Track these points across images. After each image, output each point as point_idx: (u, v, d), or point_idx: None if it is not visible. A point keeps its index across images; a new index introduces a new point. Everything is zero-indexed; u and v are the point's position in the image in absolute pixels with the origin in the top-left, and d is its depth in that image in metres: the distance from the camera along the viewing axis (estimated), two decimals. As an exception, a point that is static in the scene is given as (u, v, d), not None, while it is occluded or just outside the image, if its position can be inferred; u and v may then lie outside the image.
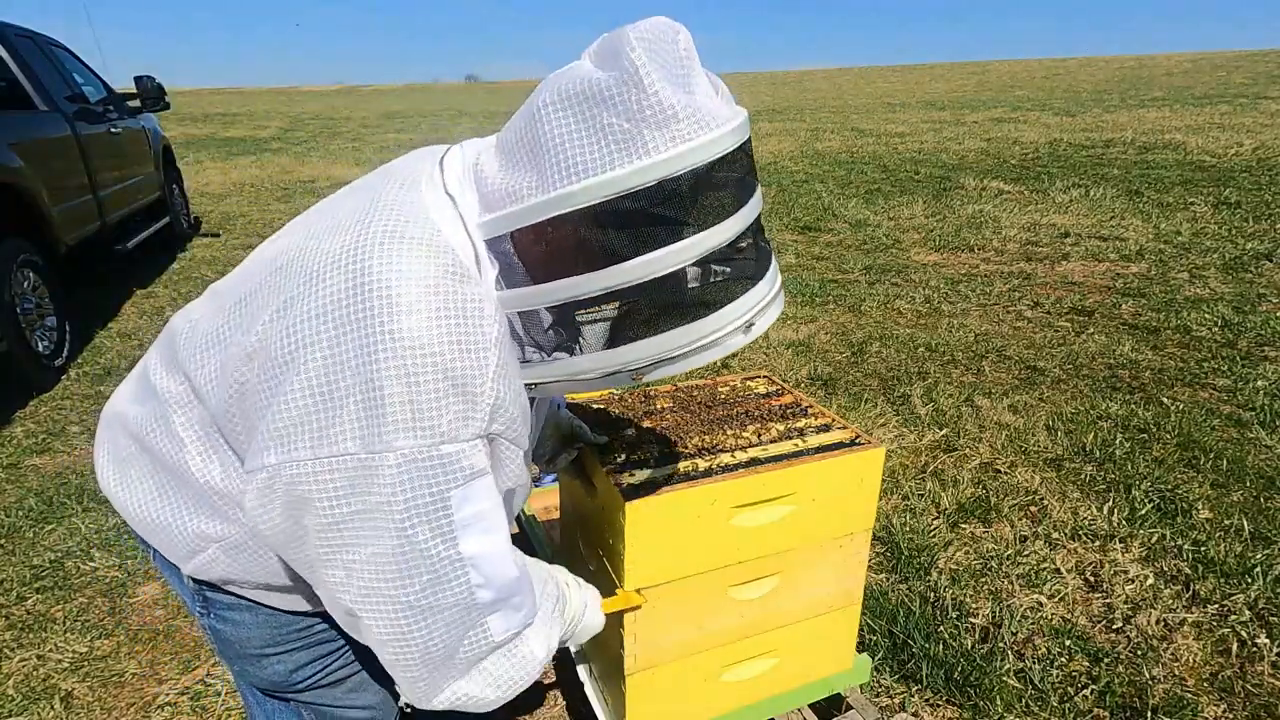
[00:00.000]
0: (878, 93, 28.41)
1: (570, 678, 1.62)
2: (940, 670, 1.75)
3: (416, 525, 0.65)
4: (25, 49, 4.38)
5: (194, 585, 0.87)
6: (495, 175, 0.70)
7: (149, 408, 0.83)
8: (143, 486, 0.84)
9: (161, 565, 0.93)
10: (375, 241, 0.66)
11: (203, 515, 0.80)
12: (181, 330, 0.82)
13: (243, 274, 0.80)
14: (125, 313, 4.75)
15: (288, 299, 0.67)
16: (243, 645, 0.90)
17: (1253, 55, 31.87)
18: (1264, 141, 9.35)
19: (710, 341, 0.70)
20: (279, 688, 0.95)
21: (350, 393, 0.63)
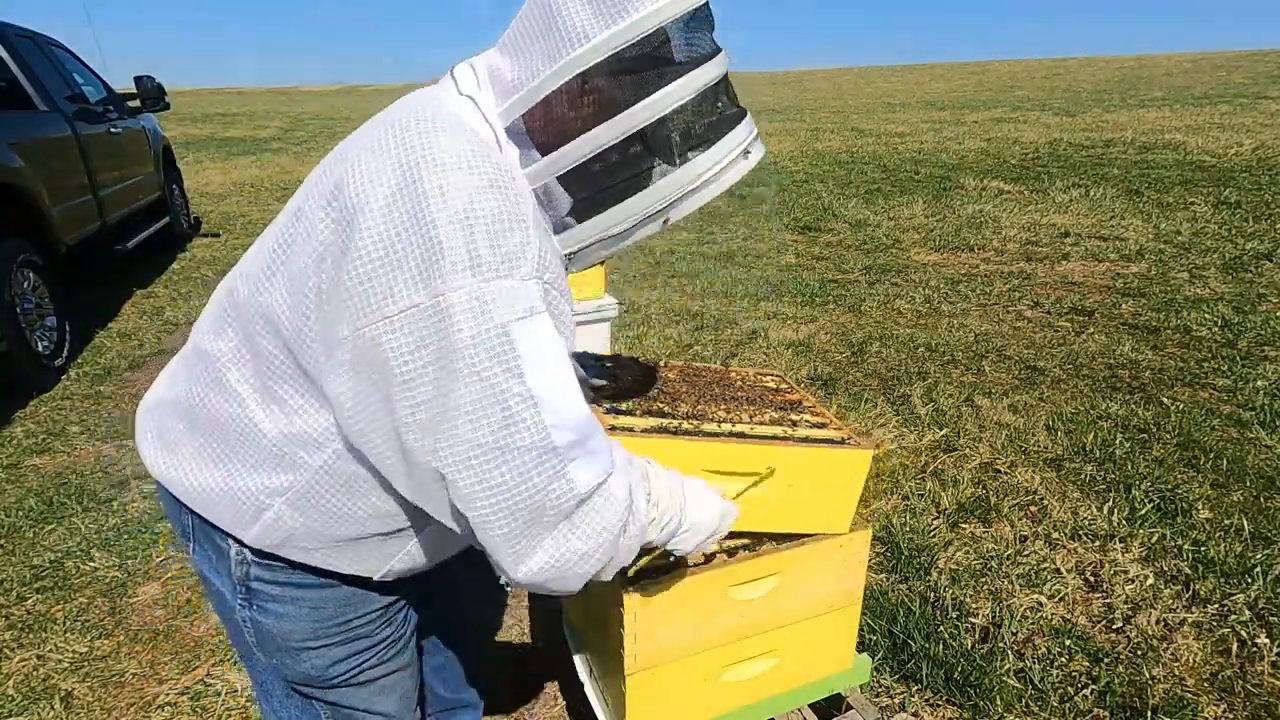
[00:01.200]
0: (878, 93, 28.41)
1: (570, 678, 1.62)
2: (940, 670, 1.75)
3: (484, 361, 0.67)
4: (25, 49, 4.39)
5: (240, 574, 0.88)
6: (509, 68, 0.77)
7: (197, 379, 0.84)
8: (198, 460, 0.84)
9: (202, 559, 0.91)
10: (412, 128, 0.72)
11: (267, 469, 0.81)
12: (237, 283, 0.83)
13: (281, 217, 0.82)
14: (125, 313, 4.75)
15: (334, 188, 0.71)
16: (284, 638, 0.91)
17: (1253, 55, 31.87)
18: (1264, 141, 9.35)
19: (722, 168, 0.79)
20: (313, 682, 0.95)
21: (409, 250, 0.67)
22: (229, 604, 0.91)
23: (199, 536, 0.90)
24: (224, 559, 0.88)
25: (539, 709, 1.74)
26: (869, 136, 13.28)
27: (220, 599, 0.93)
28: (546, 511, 0.72)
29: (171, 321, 4.55)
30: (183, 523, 0.91)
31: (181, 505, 0.89)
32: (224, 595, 0.91)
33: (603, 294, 2.29)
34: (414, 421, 0.70)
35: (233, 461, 0.82)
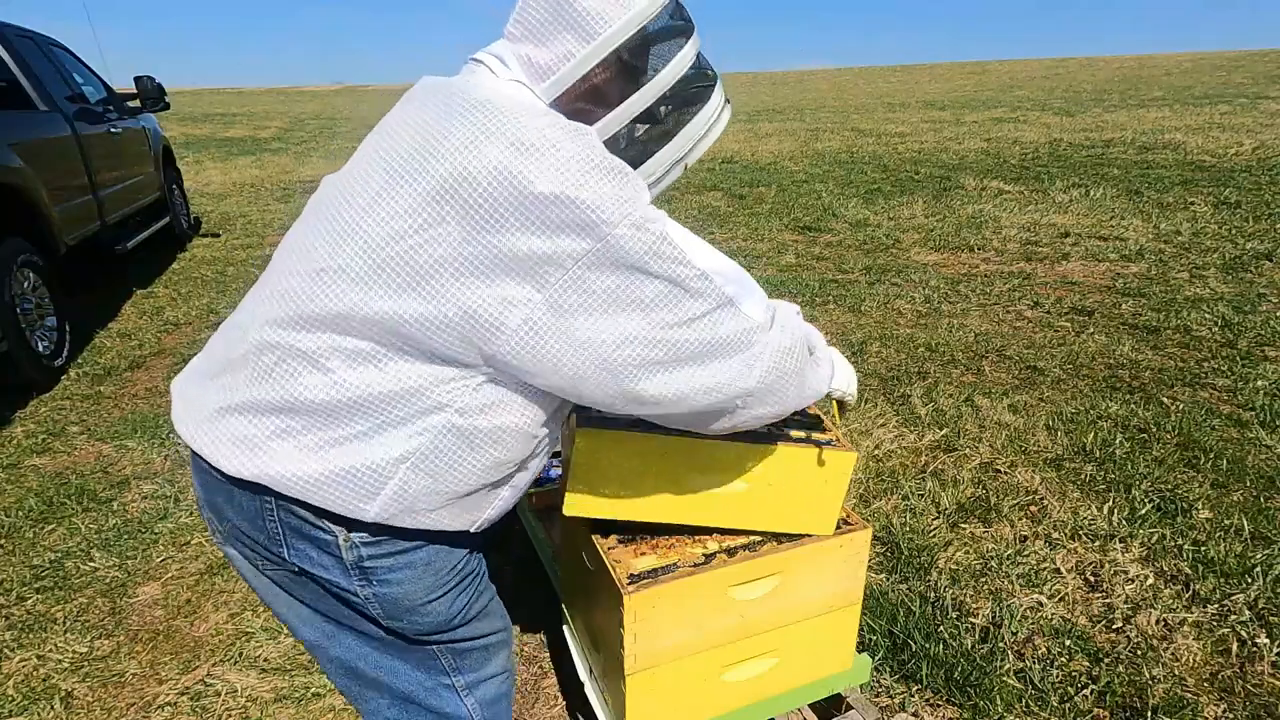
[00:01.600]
0: (878, 93, 28.41)
1: (570, 678, 1.62)
2: (940, 670, 1.75)
3: (660, 261, 0.80)
4: (25, 49, 4.39)
5: (352, 558, 0.91)
6: (539, 54, 0.87)
7: (289, 376, 0.84)
8: (307, 451, 0.84)
9: (300, 557, 0.92)
10: (505, 114, 0.79)
11: (390, 440, 0.84)
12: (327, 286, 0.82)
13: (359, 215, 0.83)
14: (125, 313, 4.75)
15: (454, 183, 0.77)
16: (409, 599, 0.96)
17: (1253, 55, 31.86)
18: (1264, 141, 9.35)
19: (718, 116, 0.96)
20: (439, 629, 1.02)
21: (565, 212, 0.76)
22: (344, 589, 0.93)
23: (291, 539, 0.91)
24: (327, 551, 0.91)
25: (539, 709, 1.74)
26: (869, 136, 13.28)
27: (322, 591, 0.96)
28: (748, 348, 0.88)
29: (171, 321, 4.55)
30: (269, 530, 0.91)
31: (268, 511, 0.89)
32: (334, 583, 0.93)
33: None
34: (620, 348, 0.81)
35: (351, 442, 0.84)
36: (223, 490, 0.92)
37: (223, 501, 0.93)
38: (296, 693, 1.77)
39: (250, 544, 0.94)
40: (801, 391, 0.98)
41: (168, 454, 2.93)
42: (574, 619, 1.56)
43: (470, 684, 1.09)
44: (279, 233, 7.00)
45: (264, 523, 0.91)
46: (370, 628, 1.00)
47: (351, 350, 0.82)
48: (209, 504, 0.96)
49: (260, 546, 0.94)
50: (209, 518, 0.99)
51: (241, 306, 0.94)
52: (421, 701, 1.07)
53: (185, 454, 2.92)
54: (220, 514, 0.95)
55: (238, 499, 0.90)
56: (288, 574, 0.96)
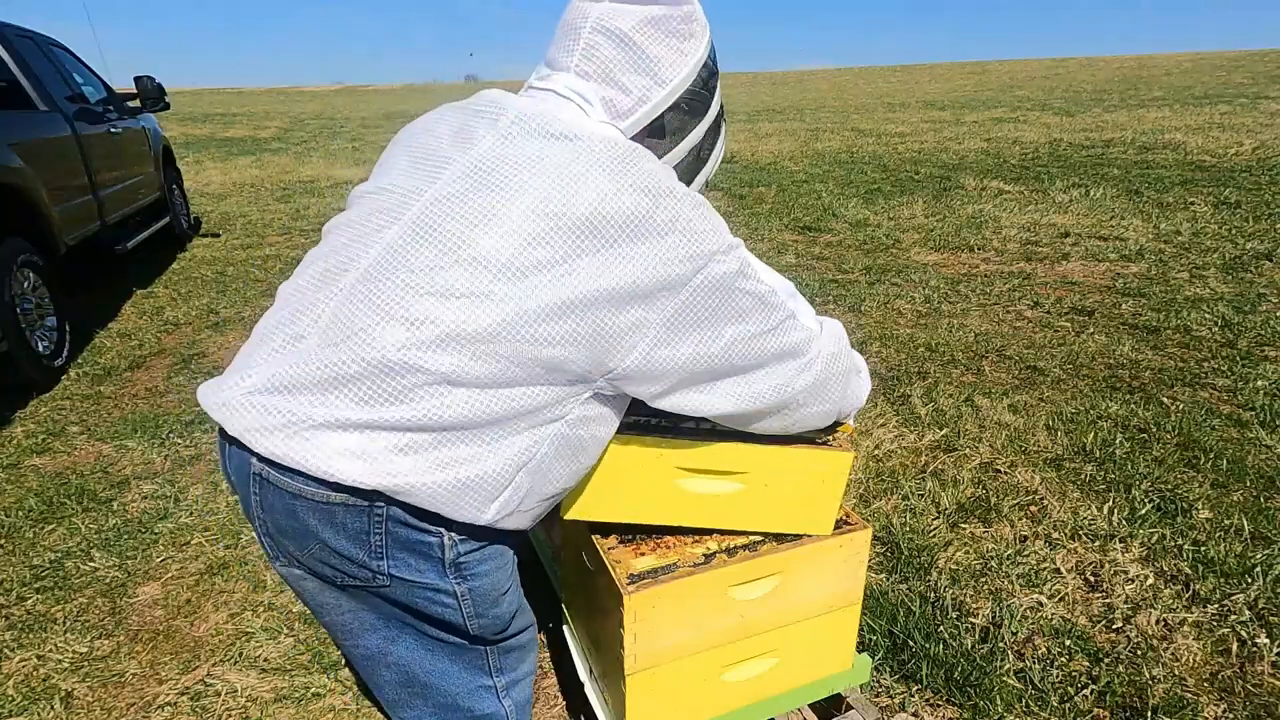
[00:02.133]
0: (878, 93, 28.41)
1: (570, 678, 1.62)
2: (940, 670, 1.75)
3: (745, 280, 0.95)
4: (25, 49, 4.39)
5: (452, 557, 0.95)
6: (619, 97, 0.99)
7: (423, 396, 0.85)
8: (437, 464, 0.87)
9: (401, 567, 0.93)
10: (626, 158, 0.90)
11: (515, 448, 0.91)
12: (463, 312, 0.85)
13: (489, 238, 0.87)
14: (125, 313, 4.75)
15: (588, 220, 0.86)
16: (495, 591, 1.02)
17: (1253, 55, 31.86)
18: (1264, 141, 9.35)
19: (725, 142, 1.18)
20: (506, 624, 1.08)
21: (676, 246, 0.89)
22: (437, 589, 0.97)
23: (394, 549, 0.92)
24: (429, 556, 0.94)
25: (539, 709, 1.74)
26: (869, 136, 13.28)
27: (422, 593, 0.97)
28: (802, 347, 1.03)
29: (171, 321, 4.55)
30: (372, 544, 0.91)
31: (376, 525, 0.89)
32: (427, 586, 0.96)
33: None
34: (723, 348, 0.95)
35: (477, 455, 0.89)
36: (318, 511, 0.89)
37: (317, 523, 0.89)
38: (296, 693, 1.77)
39: (338, 563, 0.93)
40: (845, 394, 1.13)
41: (168, 454, 2.93)
42: (574, 619, 1.56)
43: (509, 684, 1.14)
44: (279, 233, 7.00)
45: (369, 538, 0.90)
46: (436, 631, 1.03)
47: (487, 374, 0.85)
48: (285, 529, 0.92)
49: (353, 564, 0.93)
50: (275, 544, 0.95)
51: (313, 302, 0.91)
52: (464, 705, 1.10)
53: (190, 452, 2.92)
54: (306, 537, 0.91)
55: (340, 517, 0.89)
56: (373, 587, 0.96)
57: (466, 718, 1.12)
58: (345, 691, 1.77)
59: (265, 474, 0.89)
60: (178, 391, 3.54)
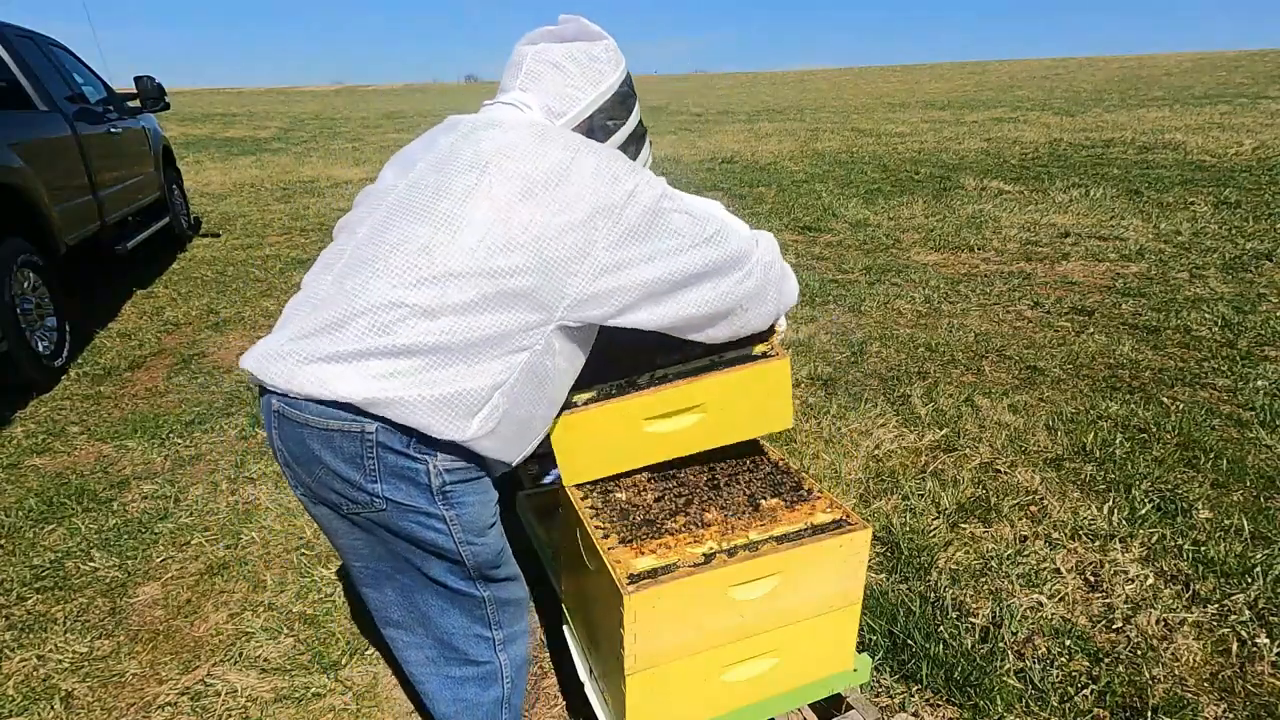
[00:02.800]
0: (878, 93, 28.41)
1: (570, 678, 1.62)
2: (940, 670, 1.75)
3: (672, 202, 1.15)
4: (25, 49, 4.39)
5: (438, 484, 1.09)
6: (554, 103, 1.23)
7: (425, 330, 1.03)
8: (425, 382, 1.03)
9: (393, 490, 1.08)
10: (579, 143, 1.14)
11: (492, 371, 1.07)
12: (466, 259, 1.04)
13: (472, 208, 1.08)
14: (125, 313, 4.75)
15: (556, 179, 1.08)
16: (479, 521, 1.16)
17: (1253, 55, 31.86)
18: (1264, 141, 9.35)
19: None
20: (494, 562, 1.21)
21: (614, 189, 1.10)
22: (427, 514, 1.10)
23: (385, 475, 1.07)
24: (417, 483, 1.08)
25: (539, 709, 1.74)
26: (869, 136, 13.28)
27: (415, 517, 1.11)
28: (741, 258, 1.21)
29: (171, 321, 4.55)
30: (366, 467, 1.06)
31: (368, 447, 1.05)
32: (419, 510, 1.10)
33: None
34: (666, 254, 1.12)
35: (455, 375, 1.04)
36: (320, 437, 1.05)
37: (319, 447, 1.06)
38: (296, 693, 1.77)
39: (341, 487, 1.09)
40: (781, 295, 1.33)
41: (168, 454, 2.93)
42: (574, 619, 1.56)
43: (506, 640, 1.27)
44: (279, 233, 7.00)
45: (363, 461, 1.06)
46: (437, 567, 1.16)
47: (460, 303, 1.03)
48: (297, 456, 1.10)
49: (353, 488, 1.08)
50: (293, 472, 1.13)
51: (323, 280, 1.12)
52: (460, 648, 1.23)
53: (190, 452, 2.92)
54: (312, 463, 1.08)
55: (337, 442, 1.05)
56: (374, 513, 1.11)
57: (464, 661, 1.24)
58: (345, 691, 1.77)
59: (281, 409, 1.07)
60: (178, 391, 3.54)
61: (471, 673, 1.26)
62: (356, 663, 1.86)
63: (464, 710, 1.28)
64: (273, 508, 2.53)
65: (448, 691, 1.27)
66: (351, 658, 1.87)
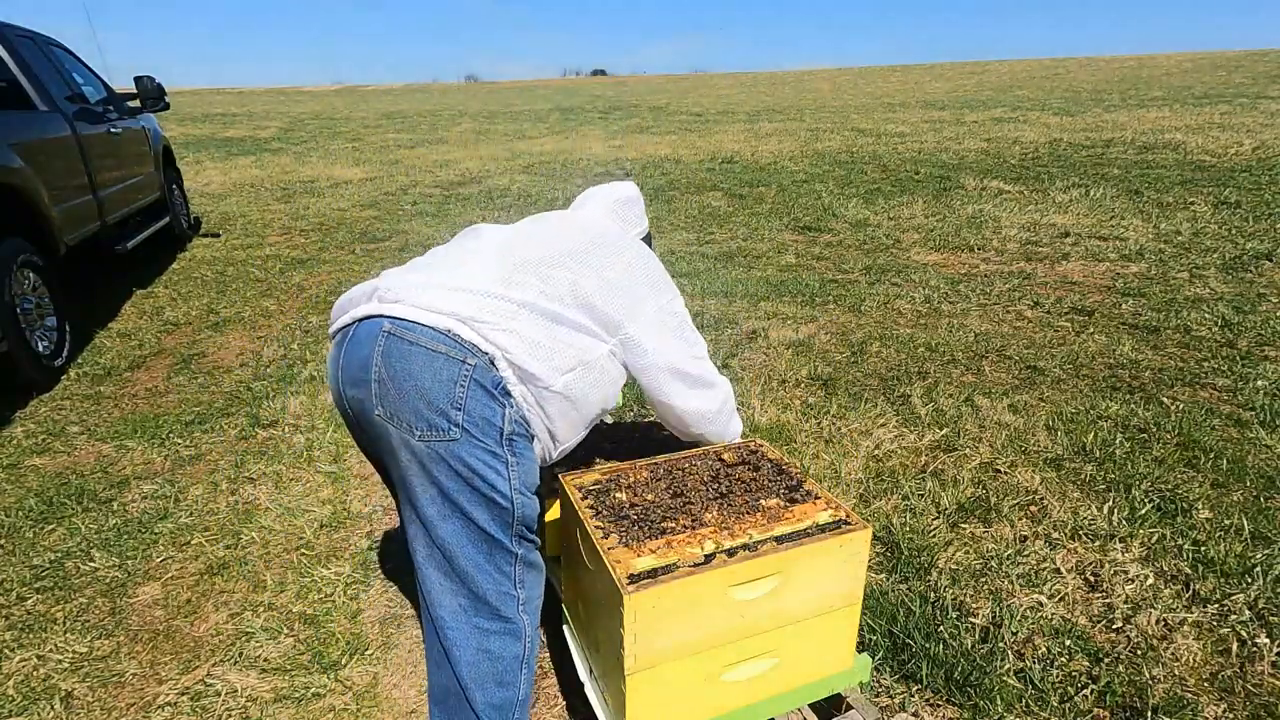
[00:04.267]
0: (878, 93, 28.40)
1: (570, 678, 1.62)
2: (940, 670, 1.75)
3: (687, 319, 1.54)
4: (25, 49, 4.39)
5: (509, 430, 1.28)
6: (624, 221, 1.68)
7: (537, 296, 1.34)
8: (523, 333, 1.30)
9: (469, 428, 1.23)
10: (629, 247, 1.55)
11: (584, 345, 1.37)
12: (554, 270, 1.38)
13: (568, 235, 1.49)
14: (125, 313, 4.75)
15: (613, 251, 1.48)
16: (532, 478, 1.33)
17: (1253, 55, 31.86)
18: (1264, 141, 9.35)
19: None
20: (530, 522, 1.34)
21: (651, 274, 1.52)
22: (494, 455, 1.26)
23: (470, 405, 1.23)
24: (493, 421, 1.26)
25: (539, 709, 1.74)
26: (869, 136, 13.28)
27: (482, 456, 1.25)
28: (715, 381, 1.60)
29: (171, 321, 4.55)
30: (455, 393, 1.22)
31: (465, 371, 1.23)
32: (488, 448, 1.25)
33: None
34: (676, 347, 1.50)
35: (567, 332, 1.35)
36: (425, 356, 1.23)
37: (421, 367, 1.22)
38: (296, 693, 1.77)
39: (425, 410, 1.22)
40: (726, 429, 1.67)
41: (168, 454, 2.93)
42: (574, 619, 1.56)
43: (526, 600, 1.36)
44: (279, 233, 7.00)
45: (454, 387, 1.22)
46: (483, 515, 1.26)
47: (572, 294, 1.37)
48: (395, 374, 1.23)
49: (436, 413, 1.22)
50: (381, 389, 1.24)
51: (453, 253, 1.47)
52: (490, 600, 1.30)
53: (190, 452, 2.92)
54: (406, 380, 1.22)
55: (439, 364, 1.23)
56: (446, 442, 1.22)
57: (492, 614, 1.31)
58: (345, 691, 1.77)
59: (393, 329, 1.25)
60: (178, 391, 3.54)
61: (498, 626, 1.31)
62: (356, 663, 1.86)
63: (486, 660, 1.31)
64: (273, 508, 2.53)
65: (474, 641, 1.30)
66: (351, 658, 1.87)
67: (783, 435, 2.88)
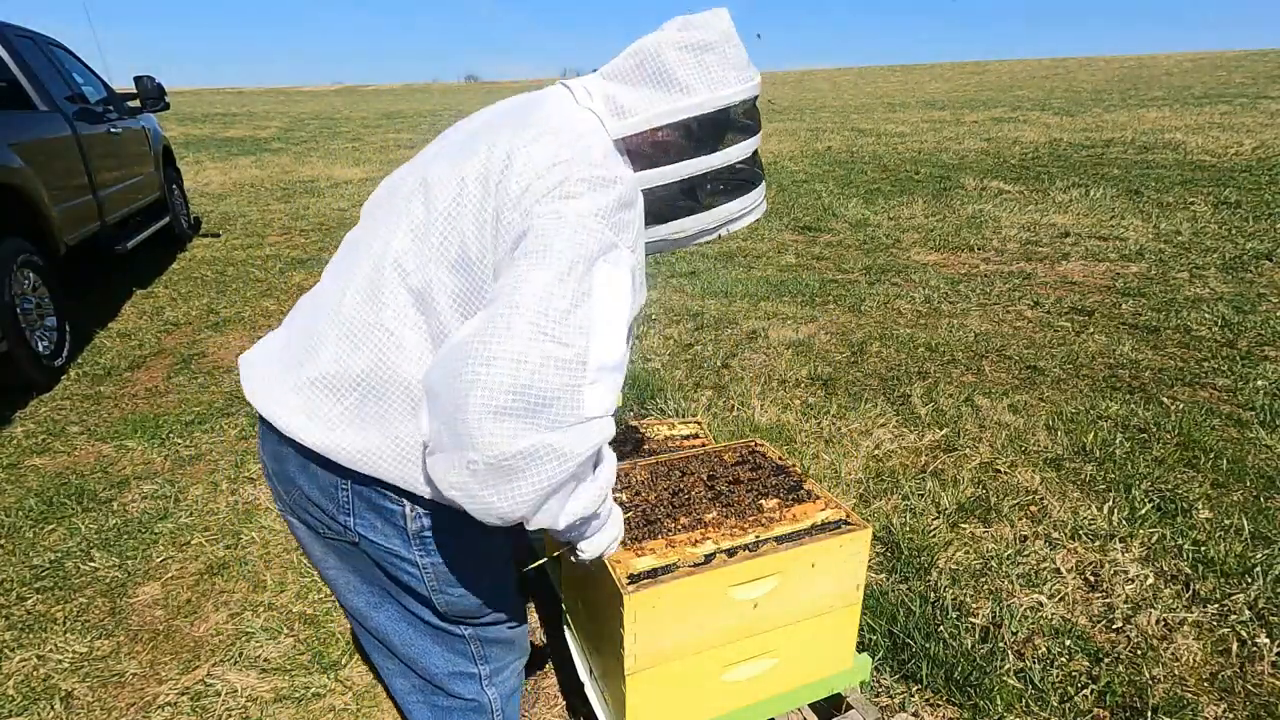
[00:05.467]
0: (878, 93, 28.40)
1: (570, 678, 1.62)
2: (940, 670, 1.75)
3: (573, 271, 0.82)
4: (25, 49, 4.38)
5: (415, 528, 1.00)
6: (624, 94, 1.01)
7: (373, 348, 0.93)
8: (379, 422, 0.94)
9: (366, 527, 1.00)
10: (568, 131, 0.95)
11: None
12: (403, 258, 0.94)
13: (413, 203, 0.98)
14: (125, 313, 4.75)
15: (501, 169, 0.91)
16: (459, 570, 1.05)
17: (1253, 55, 31.85)
18: (1264, 141, 9.35)
19: (754, 207, 1.14)
20: (478, 610, 1.10)
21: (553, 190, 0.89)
22: (403, 559, 1.02)
23: (359, 508, 1.00)
24: (392, 521, 1.00)
25: (539, 709, 1.74)
26: (869, 136, 13.28)
27: (376, 562, 1.04)
28: (547, 412, 0.78)
29: (171, 321, 4.55)
30: (339, 499, 1.00)
31: (339, 481, 0.98)
32: (395, 553, 1.02)
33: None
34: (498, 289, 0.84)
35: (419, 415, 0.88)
36: (294, 460, 1.01)
37: (296, 470, 1.01)
38: (296, 693, 1.77)
39: (317, 513, 1.03)
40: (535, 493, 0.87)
41: (168, 454, 2.93)
42: (574, 619, 1.56)
43: (493, 673, 1.19)
44: (279, 233, 7.00)
45: (337, 492, 0.99)
46: (413, 604, 1.08)
47: (425, 332, 0.94)
48: (279, 474, 1.05)
49: (327, 515, 1.02)
50: (275, 487, 1.08)
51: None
52: (446, 687, 1.16)
53: (190, 452, 2.93)
54: (291, 483, 1.03)
55: (312, 470, 1.00)
56: (348, 543, 1.04)
57: (450, 699, 1.17)
58: (345, 691, 1.77)
59: (269, 423, 1.01)
60: (178, 391, 3.54)
61: (459, 704, 1.19)
62: (356, 663, 1.86)
63: None
64: (273, 508, 2.53)
65: (435, 716, 1.20)
66: (351, 658, 1.87)
67: (783, 435, 2.88)
